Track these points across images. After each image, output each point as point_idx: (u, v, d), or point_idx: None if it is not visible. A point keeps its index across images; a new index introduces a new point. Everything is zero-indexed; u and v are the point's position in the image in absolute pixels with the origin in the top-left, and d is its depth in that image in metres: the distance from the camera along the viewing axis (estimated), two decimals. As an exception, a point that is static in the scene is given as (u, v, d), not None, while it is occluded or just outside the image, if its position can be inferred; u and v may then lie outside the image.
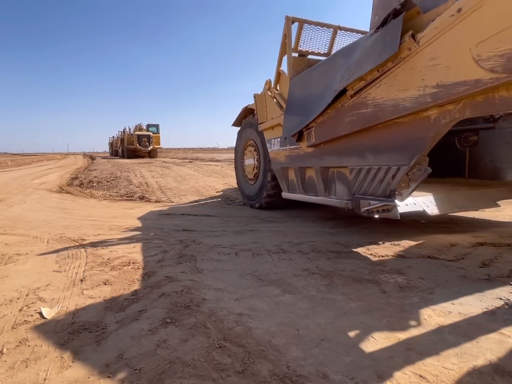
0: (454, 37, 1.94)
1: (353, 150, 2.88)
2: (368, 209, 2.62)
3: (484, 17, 1.78)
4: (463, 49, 1.89)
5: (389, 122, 2.48)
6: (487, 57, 1.78)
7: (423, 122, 2.26)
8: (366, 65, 2.49)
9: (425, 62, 2.12)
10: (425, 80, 2.14)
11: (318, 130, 3.20)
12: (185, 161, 17.86)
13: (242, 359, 1.42)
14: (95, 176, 9.55)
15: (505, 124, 3.63)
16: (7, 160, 24.61)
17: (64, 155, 53.95)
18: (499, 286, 2.12)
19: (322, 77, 3.19)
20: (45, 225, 4.09)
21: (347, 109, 2.79)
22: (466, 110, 2.00)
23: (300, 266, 2.57)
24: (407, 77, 2.25)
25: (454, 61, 1.95)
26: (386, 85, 2.42)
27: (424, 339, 1.56)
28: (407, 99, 2.27)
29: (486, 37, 1.78)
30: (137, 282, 2.26)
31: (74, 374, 1.35)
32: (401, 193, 2.43)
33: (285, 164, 4.06)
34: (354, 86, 2.65)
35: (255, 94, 4.78)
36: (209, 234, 3.62)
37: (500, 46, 1.71)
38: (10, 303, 1.96)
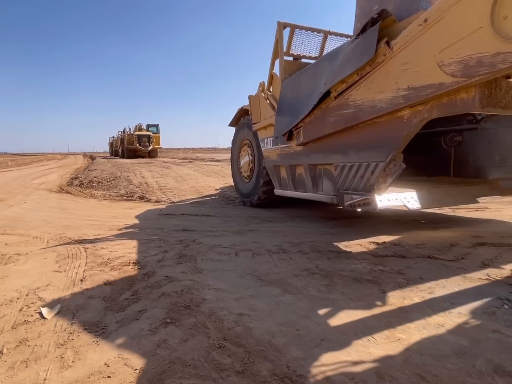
0: (421, 44, 2.13)
1: (337, 148, 3.07)
2: (350, 203, 2.80)
3: (445, 27, 1.97)
4: (429, 55, 2.08)
5: (368, 122, 2.67)
6: (449, 63, 1.97)
7: (397, 122, 2.44)
8: (347, 68, 2.70)
9: (398, 66, 2.31)
10: (398, 83, 2.32)
11: (306, 129, 3.38)
12: (185, 161, 17.87)
13: (242, 359, 1.42)
14: (95, 176, 9.55)
15: (487, 125, 3.82)
16: (7, 160, 24.61)
17: (64, 155, 53.96)
18: (499, 286, 2.12)
19: (309, 80, 3.38)
20: (45, 225, 4.09)
21: (331, 110, 2.99)
22: (434, 110, 2.19)
23: (300, 266, 2.57)
24: (382, 80, 2.45)
25: (422, 66, 2.14)
26: (365, 88, 2.61)
27: (424, 339, 1.56)
28: (383, 100, 2.46)
29: (447, 45, 1.97)
30: (137, 282, 2.26)
31: (74, 374, 1.35)
32: (379, 187, 2.60)
33: (277, 162, 4.22)
34: (337, 88, 2.85)
35: (250, 95, 4.96)
36: (209, 234, 3.62)
37: (459, 53, 1.91)
38: (10, 303, 1.96)
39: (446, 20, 1.97)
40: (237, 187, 6.03)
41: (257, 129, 4.80)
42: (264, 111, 4.55)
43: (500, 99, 1.96)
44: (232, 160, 6.21)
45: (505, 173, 3.67)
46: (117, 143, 31.00)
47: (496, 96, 1.95)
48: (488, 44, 1.79)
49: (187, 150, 55.63)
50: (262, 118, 4.64)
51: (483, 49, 1.81)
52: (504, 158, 3.68)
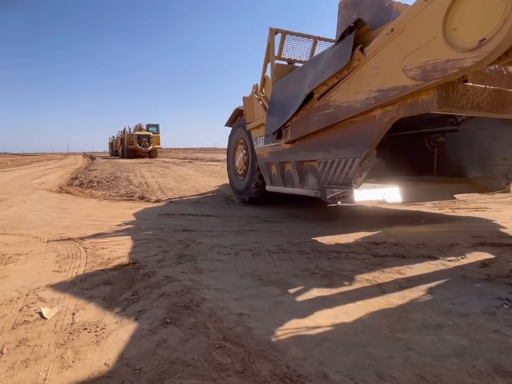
0: (389, 51, 2.38)
1: (320, 146, 3.32)
2: (331, 196, 3.03)
3: (408, 37, 2.22)
4: (395, 61, 2.32)
5: (346, 121, 2.91)
6: (410, 68, 2.21)
7: (370, 121, 2.69)
8: (328, 72, 2.94)
9: (370, 70, 2.55)
10: (370, 85, 2.57)
11: (293, 128, 3.62)
12: (185, 161, 17.87)
13: (242, 359, 1.42)
14: (95, 176, 9.55)
15: (467, 127, 4.05)
16: (7, 160, 24.60)
17: (64, 155, 53.95)
18: (499, 286, 2.12)
19: (296, 82, 3.61)
20: (45, 225, 4.09)
21: (314, 110, 3.23)
22: (400, 110, 2.44)
23: (300, 266, 2.57)
24: (357, 83, 2.69)
25: (389, 70, 2.39)
26: (343, 90, 2.85)
27: (424, 339, 1.56)
28: (357, 101, 2.70)
29: (409, 52, 2.21)
30: (137, 282, 2.26)
31: (74, 374, 1.35)
32: (356, 181, 2.84)
33: (268, 159, 4.44)
34: (319, 90, 3.09)
35: (244, 96, 5.20)
36: (209, 234, 3.62)
37: (418, 59, 2.15)
38: (10, 303, 1.96)
39: (408, 30, 2.21)
40: (232, 184, 6.29)
41: (250, 128, 5.03)
42: (257, 112, 4.79)
43: (458, 101, 2.19)
44: (228, 159, 6.49)
45: (483, 172, 3.87)
46: (117, 143, 30.99)
47: (453, 98, 2.18)
48: (440, 52, 2.02)
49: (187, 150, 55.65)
50: (255, 118, 4.87)
51: (437, 56, 2.05)
52: (482, 158, 3.89)
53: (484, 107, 2.30)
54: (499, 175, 3.74)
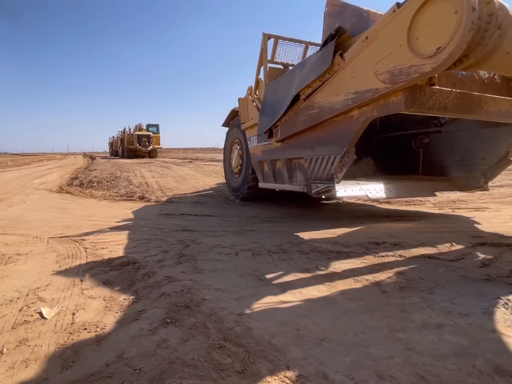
0: (363, 57, 2.61)
1: (306, 144, 3.53)
2: (316, 191, 3.22)
3: (379, 44, 2.45)
4: (369, 66, 2.54)
5: (328, 121, 3.12)
6: (381, 72, 2.43)
7: (349, 120, 2.91)
8: (312, 75, 3.15)
9: (348, 74, 2.77)
10: (348, 88, 2.78)
11: (283, 127, 3.85)
12: (185, 161, 17.87)
13: (242, 359, 1.42)
14: (95, 176, 9.55)
15: (449, 128, 4.30)
16: (7, 160, 24.60)
17: (64, 155, 53.93)
18: (499, 286, 2.12)
19: (286, 85, 3.80)
20: (45, 225, 4.09)
21: (301, 110, 3.44)
22: (374, 111, 2.65)
23: (300, 266, 2.57)
24: (338, 85, 2.91)
25: (364, 74, 2.61)
26: (325, 92, 3.06)
27: (424, 339, 1.56)
28: (338, 102, 2.92)
29: (380, 58, 2.43)
30: (137, 282, 2.26)
31: (74, 374, 1.35)
32: (337, 176, 3.05)
33: (261, 158, 4.67)
34: (304, 92, 3.30)
35: (239, 98, 5.46)
36: (209, 234, 3.62)
37: (388, 64, 2.37)
38: (10, 303, 1.96)
39: (380, 38, 2.45)
40: (228, 182, 6.60)
41: (245, 128, 5.28)
42: (251, 112, 5.03)
43: (425, 102, 2.40)
44: (225, 157, 6.75)
45: (464, 172, 4.11)
46: (117, 143, 30.97)
47: (420, 100, 2.39)
48: (405, 58, 2.24)
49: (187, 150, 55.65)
50: (249, 118, 5.12)
51: (403, 62, 2.27)
52: (463, 158, 4.13)
53: (451, 109, 2.49)
54: (479, 174, 3.95)
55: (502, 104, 2.74)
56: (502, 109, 2.74)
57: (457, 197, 5.78)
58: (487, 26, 1.94)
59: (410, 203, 5.54)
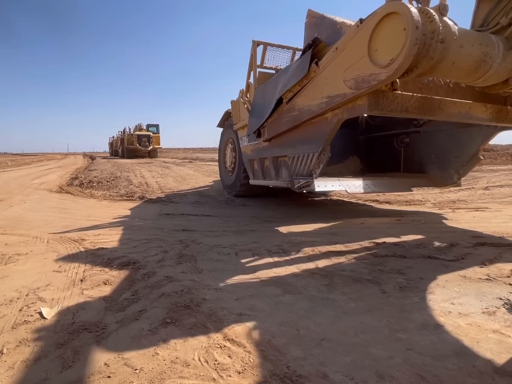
0: (334, 65, 2.93)
1: (289, 143, 3.84)
2: (298, 186, 3.52)
3: (346, 54, 2.77)
4: (339, 73, 2.86)
5: (307, 122, 3.45)
6: (348, 79, 2.75)
7: (324, 122, 3.24)
8: (293, 81, 3.47)
9: (322, 80, 3.09)
10: (322, 93, 3.10)
11: (269, 128, 4.17)
12: (185, 161, 17.87)
13: (242, 359, 1.42)
14: (95, 176, 9.55)
15: (427, 128, 4.60)
16: (7, 160, 24.58)
17: (64, 155, 53.90)
18: (499, 286, 2.12)
19: (272, 88, 4.10)
20: (45, 225, 4.09)
21: (284, 112, 3.78)
22: (344, 113, 2.97)
23: (300, 266, 2.57)
24: (314, 90, 3.23)
25: (335, 81, 2.92)
26: (304, 96, 3.39)
27: (424, 339, 1.56)
28: (314, 105, 3.23)
29: (347, 66, 2.75)
30: (137, 282, 2.26)
31: (74, 374, 1.35)
32: (315, 172, 3.35)
33: (251, 156, 4.95)
34: (287, 96, 3.64)
35: (232, 100, 5.74)
36: (209, 234, 3.62)
37: (353, 72, 2.69)
38: (10, 303, 1.96)
39: (347, 49, 2.77)
40: (222, 180, 6.99)
41: (237, 128, 5.60)
42: (242, 114, 5.33)
43: (387, 105, 2.69)
44: (219, 157, 7.12)
45: (440, 169, 4.41)
46: (117, 143, 30.95)
47: (382, 103, 2.68)
48: (367, 67, 2.55)
49: (187, 150, 55.61)
50: (240, 119, 5.43)
51: (364, 70, 2.58)
52: (439, 156, 4.44)
53: (412, 111, 2.79)
54: (453, 171, 4.26)
55: (462, 107, 3.02)
56: (462, 111, 3.02)
57: (457, 197, 5.78)
58: (430, 41, 2.24)
59: (410, 203, 5.54)
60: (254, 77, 4.91)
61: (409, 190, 4.43)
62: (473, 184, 7.10)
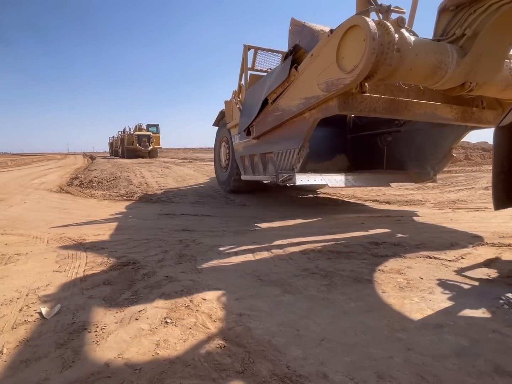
0: (310, 70, 3.28)
1: (274, 140, 4.18)
2: (282, 179, 3.80)
3: (320, 61, 3.10)
4: (313, 77, 3.19)
5: (289, 121, 3.80)
6: (321, 83, 3.08)
7: (302, 121, 3.58)
8: (276, 83, 3.85)
9: (301, 84, 3.45)
10: (300, 94, 3.43)
11: (257, 126, 4.52)
12: (185, 161, 17.86)
13: (242, 359, 1.42)
14: (95, 176, 9.54)
15: (407, 128, 4.89)
16: (7, 160, 24.57)
17: (64, 155, 53.88)
18: (499, 286, 2.12)
19: (259, 90, 4.41)
20: (45, 225, 4.09)
21: (269, 112, 4.13)
22: (319, 113, 3.31)
23: (300, 266, 2.57)
24: (294, 92, 3.57)
25: (311, 84, 3.25)
26: (286, 97, 3.75)
27: (424, 339, 1.56)
28: (294, 106, 3.57)
29: (320, 71, 3.08)
30: (137, 282, 2.26)
31: (74, 374, 1.35)
32: (296, 166, 3.67)
33: (242, 153, 5.26)
34: (271, 97, 4.02)
35: (225, 100, 6.11)
36: (209, 234, 3.62)
37: (324, 77, 3.03)
38: (10, 303, 1.96)
39: (320, 56, 3.10)
40: (217, 176, 7.41)
41: (230, 127, 5.99)
42: (235, 113, 5.65)
43: (356, 106, 3.02)
44: (215, 154, 7.52)
45: (417, 166, 4.70)
46: (117, 143, 30.93)
47: (352, 104, 3.01)
48: (335, 73, 2.88)
49: (187, 150, 55.59)
50: (233, 118, 5.75)
51: (333, 75, 2.91)
52: (417, 154, 4.73)
53: (380, 111, 3.11)
54: (429, 168, 4.55)
55: (428, 108, 3.30)
56: (428, 111, 3.30)
57: (457, 197, 5.78)
58: (387, 50, 2.55)
59: (410, 203, 5.54)
60: (245, 79, 5.26)
61: (387, 185, 4.77)
62: (473, 184, 7.11)
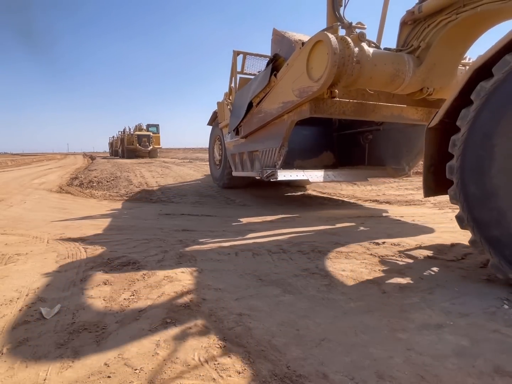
0: (286, 77, 3.77)
1: (259, 140, 4.63)
2: (266, 175, 4.15)
3: (294, 70, 3.59)
4: (289, 84, 3.68)
5: (270, 122, 4.26)
6: (294, 89, 3.56)
7: (282, 122, 4.06)
8: (259, 88, 4.31)
9: (279, 89, 3.94)
10: (279, 99, 3.93)
11: (244, 127, 4.96)
12: (185, 161, 17.85)
13: (242, 359, 1.42)
14: (95, 176, 9.54)
15: (386, 127, 5.28)
16: (7, 160, 24.58)
17: (64, 155, 53.88)
18: (499, 286, 2.12)
19: (246, 93, 4.82)
20: (45, 225, 4.09)
21: (254, 114, 4.59)
22: (296, 115, 3.77)
23: (300, 266, 2.57)
24: (274, 97, 4.08)
25: (287, 90, 3.73)
26: (267, 101, 4.24)
27: (424, 339, 1.56)
28: (274, 109, 4.07)
29: (294, 79, 3.55)
30: (137, 282, 2.26)
31: (74, 374, 1.35)
32: (277, 163, 4.09)
33: (233, 151, 5.67)
34: (255, 100, 4.49)
35: (218, 101, 6.56)
36: (209, 234, 3.62)
37: (297, 84, 3.51)
38: (10, 303, 1.96)
39: (294, 66, 3.58)
40: (212, 173, 7.91)
41: (222, 127, 6.43)
42: (226, 114, 6.05)
43: (327, 109, 3.50)
44: (209, 152, 7.93)
45: (394, 163, 5.11)
46: (117, 143, 30.93)
47: (322, 108, 3.49)
48: (306, 81, 3.33)
49: (187, 150, 55.58)
50: (225, 118, 6.15)
51: (304, 84, 3.37)
52: (394, 151, 5.12)
53: (349, 114, 3.58)
54: (405, 164, 4.93)
55: (394, 110, 3.78)
56: (394, 113, 3.78)
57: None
58: (348, 62, 2.94)
59: (410, 203, 5.54)
60: (235, 82, 5.70)
61: (365, 180, 5.15)
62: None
